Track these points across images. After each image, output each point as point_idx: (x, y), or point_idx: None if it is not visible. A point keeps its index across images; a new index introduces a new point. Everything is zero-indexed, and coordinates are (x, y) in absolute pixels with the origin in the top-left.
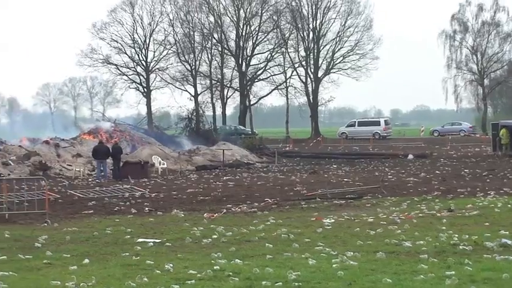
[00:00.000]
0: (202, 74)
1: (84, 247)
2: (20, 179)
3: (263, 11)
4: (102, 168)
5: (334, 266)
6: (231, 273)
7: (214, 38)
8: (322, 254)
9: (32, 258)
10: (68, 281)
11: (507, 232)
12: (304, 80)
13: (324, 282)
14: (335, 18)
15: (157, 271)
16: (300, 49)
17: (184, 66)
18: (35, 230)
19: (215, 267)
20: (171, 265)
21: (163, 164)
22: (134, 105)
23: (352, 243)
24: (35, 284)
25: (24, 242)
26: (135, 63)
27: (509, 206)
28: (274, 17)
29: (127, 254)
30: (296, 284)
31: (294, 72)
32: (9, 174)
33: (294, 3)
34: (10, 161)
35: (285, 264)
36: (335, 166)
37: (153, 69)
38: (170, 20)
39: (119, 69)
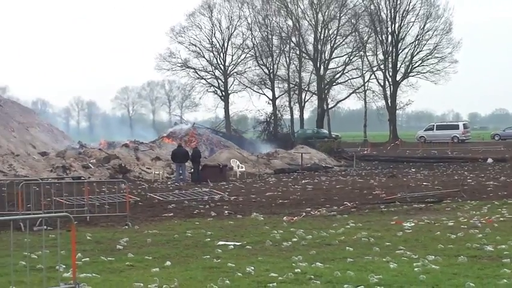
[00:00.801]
0: (280, 78)
1: (165, 249)
2: (100, 181)
3: (341, 15)
4: (181, 172)
5: (416, 269)
6: (312, 276)
7: (293, 42)
8: (403, 258)
9: (115, 260)
10: (150, 283)
11: None
12: (382, 84)
13: (406, 286)
14: (414, 22)
15: (239, 274)
16: (378, 52)
17: (262, 69)
18: (116, 232)
19: (296, 270)
20: (252, 268)
21: (242, 168)
22: (212, 109)
23: (433, 247)
24: (118, 285)
25: (106, 244)
26: (213, 67)
27: None
28: (352, 20)
29: (208, 256)
30: (378, 287)
31: (372, 76)
32: (89, 177)
33: (372, 7)
34: (90, 164)
35: (366, 268)
36: (413, 170)
37: (231, 72)
38: (248, 23)
39: (197, 73)
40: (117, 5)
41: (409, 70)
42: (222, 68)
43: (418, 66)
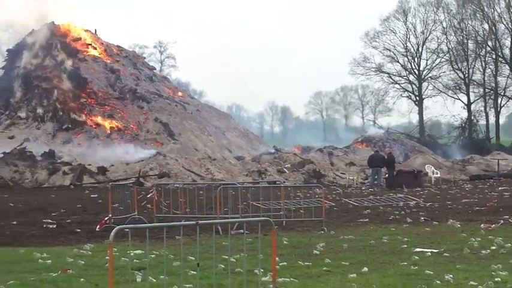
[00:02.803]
0: (475, 83)
1: (362, 255)
2: (296, 186)
3: None
4: (376, 177)
5: None
6: None
7: (489, 46)
8: None
9: (312, 265)
10: None
11: None
12: None
13: None
14: None
15: (437, 281)
16: None
17: (457, 74)
18: (313, 237)
19: (496, 279)
20: (451, 276)
21: (437, 173)
22: (405, 114)
23: None
24: None
25: (302, 249)
26: (407, 72)
27: None
28: None
29: (405, 263)
30: None
31: None
32: (284, 182)
33: None
34: (285, 169)
35: None
36: None
37: (426, 77)
38: (443, 28)
39: (391, 78)
40: (311, 9)
41: None
42: (417, 72)
43: None
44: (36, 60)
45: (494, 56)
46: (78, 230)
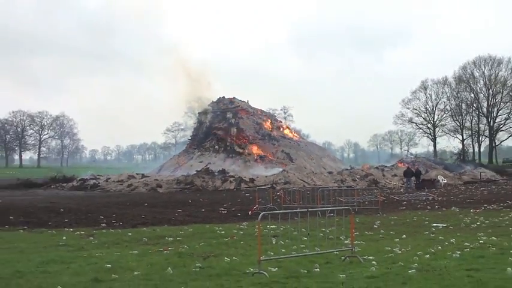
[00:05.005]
0: (466, 127)
1: (402, 228)
2: (363, 189)
3: (504, 91)
4: (409, 183)
5: None
6: (490, 245)
7: (474, 106)
8: None
9: (373, 234)
10: (394, 247)
11: None
12: None
13: None
14: None
15: (446, 243)
16: None
17: (456, 123)
18: (373, 218)
19: (480, 241)
20: (454, 240)
21: (444, 180)
22: (426, 146)
23: None
24: (375, 248)
25: (367, 225)
26: (426, 122)
27: None
28: (511, 93)
29: (427, 232)
30: None
31: None
32: (356, 186)
33: None
34: (356, 179)
35: None
36: None
37: (438, 125)
38: (447, 96)
39: (417, 126)
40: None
41: None
42: (432, 122)
43: None
44: (214, 118)
45: (477, 112)
46: (239, 214)
